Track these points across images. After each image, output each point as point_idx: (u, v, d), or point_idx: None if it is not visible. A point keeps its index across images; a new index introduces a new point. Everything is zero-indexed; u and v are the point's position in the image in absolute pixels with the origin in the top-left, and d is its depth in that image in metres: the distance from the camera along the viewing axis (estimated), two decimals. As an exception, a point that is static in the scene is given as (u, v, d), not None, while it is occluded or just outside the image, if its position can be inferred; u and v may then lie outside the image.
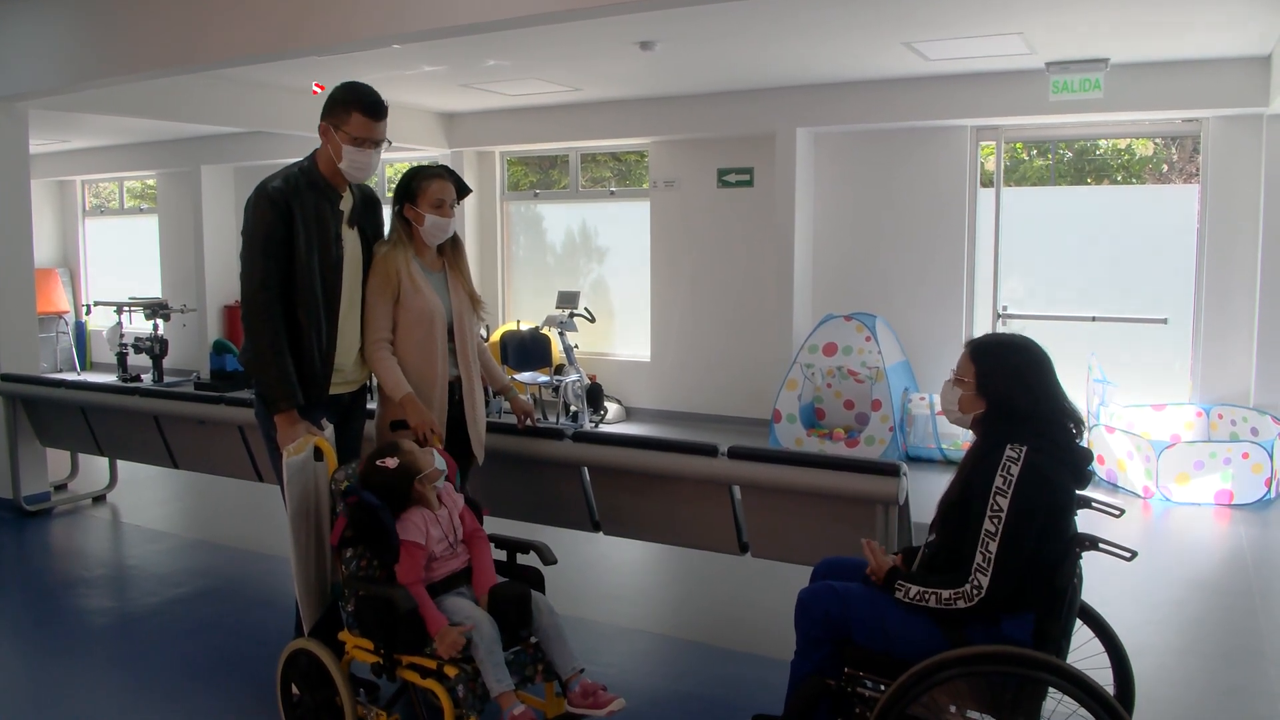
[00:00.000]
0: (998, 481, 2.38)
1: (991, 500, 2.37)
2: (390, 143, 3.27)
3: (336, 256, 3.17)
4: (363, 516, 2.81)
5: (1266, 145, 6.53)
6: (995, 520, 2.35)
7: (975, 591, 2.36)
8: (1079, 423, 2.54)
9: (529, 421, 3.64)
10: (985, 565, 2.35)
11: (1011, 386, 2.51)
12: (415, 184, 3.26)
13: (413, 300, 3.24)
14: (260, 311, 3.05)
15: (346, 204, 3.24)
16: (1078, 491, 2.50)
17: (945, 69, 6.87)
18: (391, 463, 2.84)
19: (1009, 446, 2.41)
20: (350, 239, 3.24)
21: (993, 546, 2.35)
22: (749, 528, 3.51)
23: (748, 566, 3.95)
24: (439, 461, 2.93)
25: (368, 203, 3.36)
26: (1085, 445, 2.55)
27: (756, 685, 3.49)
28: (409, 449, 2.89)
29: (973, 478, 2.46)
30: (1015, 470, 2.37)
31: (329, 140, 3.14)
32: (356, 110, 3.11)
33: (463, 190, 3.35)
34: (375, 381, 3.49)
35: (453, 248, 3.40)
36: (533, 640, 2.82)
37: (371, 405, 3.49)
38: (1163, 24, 5.55)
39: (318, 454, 2.99)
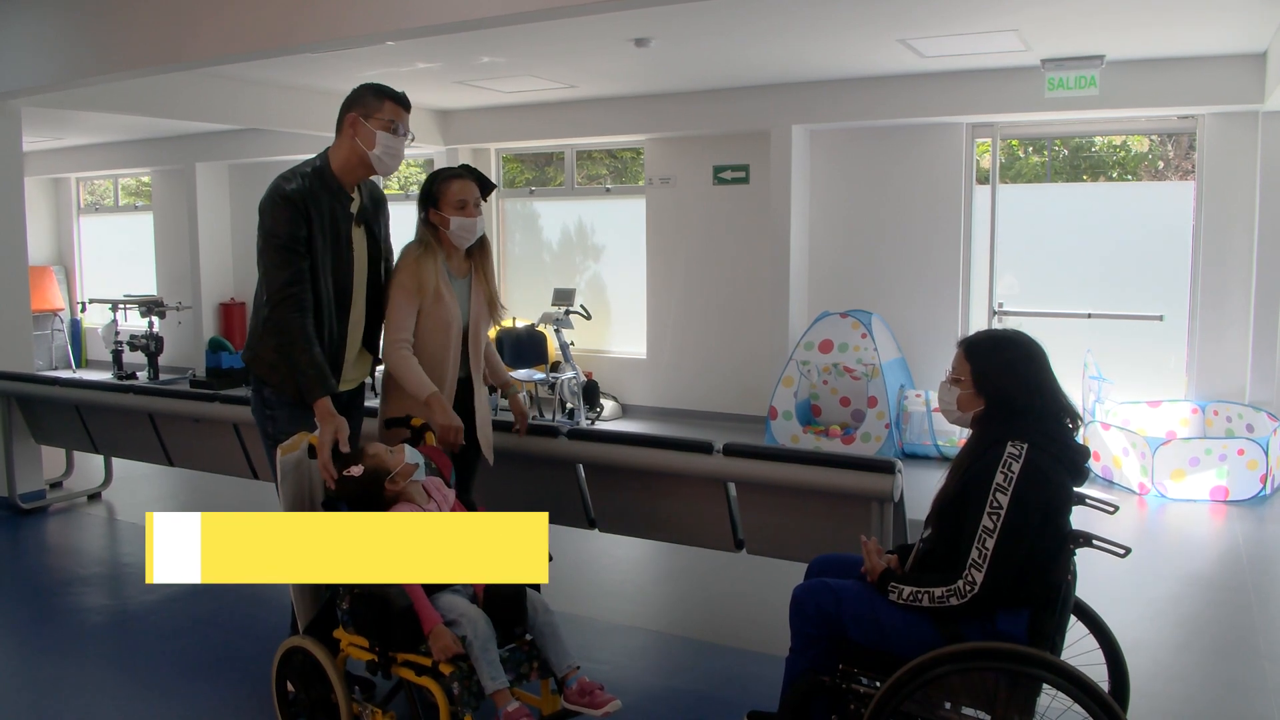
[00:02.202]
0: (998, 478, 2.37)
1: (991, 497, 2.36)
2: (414, 136, 3.27)
3: (348, 259, 3.17)
4: None
5: (1262, 142, 6.54)
6: (994, 517, 2.35)
7: (969, 588, 2.35)
8: (1075, 417, 2.53)
9: (518, 429, 3.61)
10: (980, 561, 2.34)
11: (1008, 382, 2.50)
12: (436, 187, 3.23)
13: (435, 309, 3.22)
14: (291, 304, 3.01)
15: (355, 204, 3.23)
16: (1074, 488, 2.50)
17: (940, 66, 6.87)
18: (357, 470, 2.82)
19: (1010, 443, 2.40)
20: (358, 238, 3.23)
21: (989, 543, 2.34)
22: (744, 524, 3.51)
23: (743, 563, 3.95)
24: (411, 456, 2.89)
25: (375, 202, 3.35)
26: (1081, 441, 2.54)
27: (752, 681, 3.50)
28: (374, 452, 2.86)
29: (971, 474, 2.45)
30: (1016, 468, 2.36)
31: (358, 131, 3.11)
32: (389, 99, 3.14)
33: (487, 187, 3.31)
34: (374, 379, 3.48)
35: (480, 250, 3.36)
36: (528, 637, 2.81)
37: (370, 404, 3.49)
38: (1158, 20, 5.55)
39: (312, 452, 2.98)
